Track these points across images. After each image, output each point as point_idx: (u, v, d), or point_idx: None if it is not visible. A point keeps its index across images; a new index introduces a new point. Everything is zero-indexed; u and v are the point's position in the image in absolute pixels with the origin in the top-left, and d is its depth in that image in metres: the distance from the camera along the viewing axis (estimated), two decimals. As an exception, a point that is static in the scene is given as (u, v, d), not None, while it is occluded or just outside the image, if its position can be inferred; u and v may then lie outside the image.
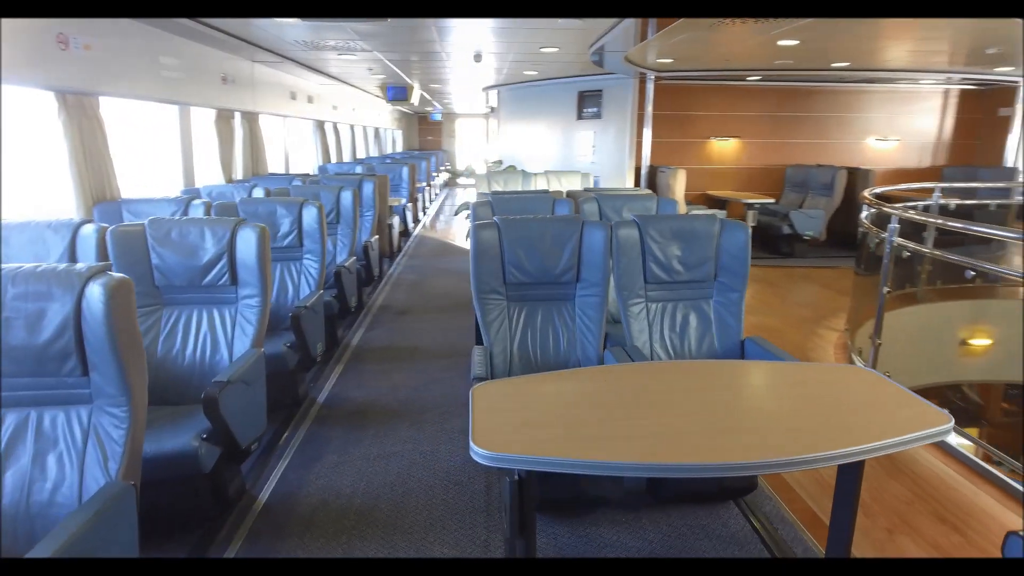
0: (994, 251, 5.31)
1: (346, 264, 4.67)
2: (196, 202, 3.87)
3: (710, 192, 8.65)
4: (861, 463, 1.92)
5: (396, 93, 11.55)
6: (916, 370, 4.46)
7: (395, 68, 8.09)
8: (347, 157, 11.71)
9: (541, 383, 2.03)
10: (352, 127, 12.23)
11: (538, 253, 2.85)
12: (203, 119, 6.10)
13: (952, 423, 1.75)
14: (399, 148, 19.29)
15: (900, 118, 8.59)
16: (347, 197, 4.97)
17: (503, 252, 2.84)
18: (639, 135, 8.10)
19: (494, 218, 2.90)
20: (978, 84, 8.09)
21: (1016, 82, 7.69)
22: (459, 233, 9.65)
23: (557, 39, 5.92)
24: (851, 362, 4.24)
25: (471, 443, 1.58)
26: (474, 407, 1.78)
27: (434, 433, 3.33)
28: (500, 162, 9.59)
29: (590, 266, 2.87)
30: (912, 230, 4.62)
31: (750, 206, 7.69)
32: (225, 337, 2.74)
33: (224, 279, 2.75)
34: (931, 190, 5.25)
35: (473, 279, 2.83)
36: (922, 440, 1.71)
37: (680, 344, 2.95)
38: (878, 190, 4.59)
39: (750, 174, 8.81)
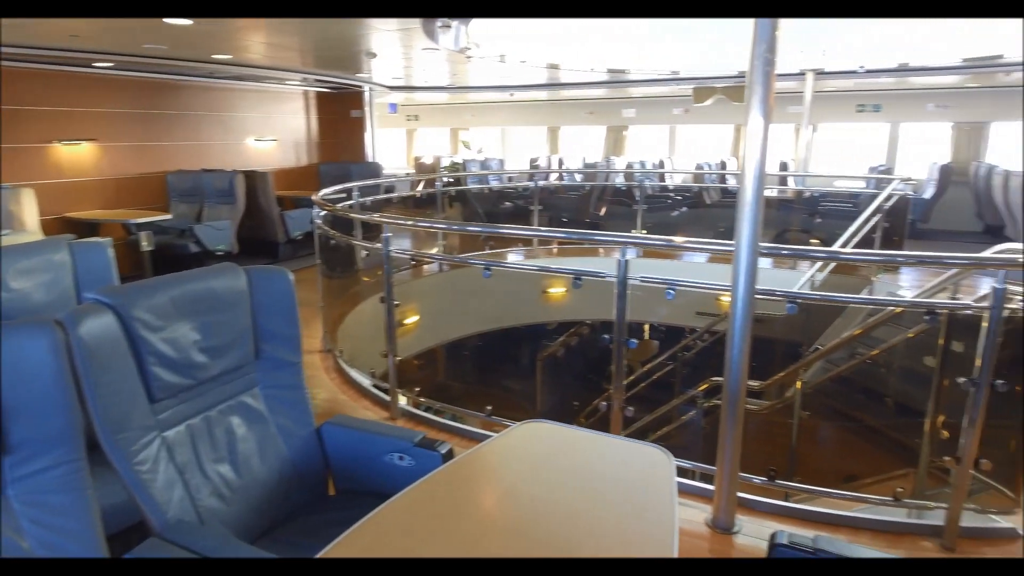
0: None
1: None
2: None
3: (71, 215, 6.52)
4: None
5: None
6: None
7: None
8: None
9: None
10: None
11: None
12: None
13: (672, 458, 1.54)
14: None
15: (274, 118, 8.53)
16: None
17: None
18: (-72, 139, 5.18)
19: None
20: (332, 88, 8.82)
21: (361, 87, 8.75)
22: None
23: None
24: (356, 389, 3.85)
25: None
26: None
27: None
28: None
29: (30, 418, 1.36)
30: (336, 223, 4.56)
31: (140, 227, 6.15)
32: None
33: None
34: (350, 190, 5.31)
35: None
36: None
37: (239, 476, 1.82)
38: (328, 191, 4.24)
39: (120, 186, 7.06)
